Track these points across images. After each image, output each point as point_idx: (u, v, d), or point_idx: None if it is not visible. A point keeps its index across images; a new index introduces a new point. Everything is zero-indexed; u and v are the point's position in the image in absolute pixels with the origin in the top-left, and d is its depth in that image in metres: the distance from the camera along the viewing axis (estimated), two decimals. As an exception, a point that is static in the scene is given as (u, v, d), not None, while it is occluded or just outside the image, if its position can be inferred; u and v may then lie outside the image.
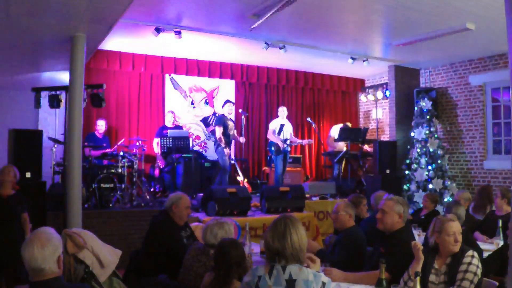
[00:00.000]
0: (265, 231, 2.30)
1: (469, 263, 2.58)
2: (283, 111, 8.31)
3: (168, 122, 8.19)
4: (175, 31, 6.56)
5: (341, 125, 9.82)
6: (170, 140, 7.31)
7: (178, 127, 8.26)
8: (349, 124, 9.88)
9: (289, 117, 8.75)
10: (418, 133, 8.49)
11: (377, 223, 3.10)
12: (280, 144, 7.99)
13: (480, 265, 2.60)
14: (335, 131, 9.60)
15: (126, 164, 6.72)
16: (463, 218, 4.11)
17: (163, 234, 3.65)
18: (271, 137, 8.16)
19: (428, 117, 8.46)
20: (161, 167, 7.91)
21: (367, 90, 10.30)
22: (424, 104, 8.57)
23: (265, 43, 7.20)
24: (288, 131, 8.26)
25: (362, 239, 3.62)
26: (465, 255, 2.62)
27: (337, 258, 3.40)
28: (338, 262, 3.14)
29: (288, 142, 8.15)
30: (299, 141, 8.73)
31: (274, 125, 8.23)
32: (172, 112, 8.41)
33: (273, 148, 8.05)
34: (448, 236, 2.68)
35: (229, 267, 2.33)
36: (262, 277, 2.16)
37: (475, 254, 2.64)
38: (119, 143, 7.50)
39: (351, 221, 3.70)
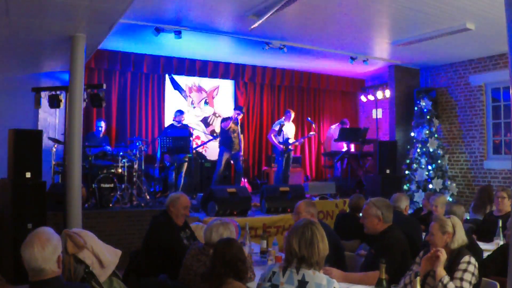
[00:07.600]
0: (287, 236, 2.30)
1: (464, 270, 2.55)
2: (288, 113, 8.42)
3: (176, 122, 7.90)
4: (175, 31, 6.55)
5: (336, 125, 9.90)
6: (170, 140, 7.30)
7: (185, 126, 8.16)
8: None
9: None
10: (418, 133, 8.49)
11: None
12: (278, 146, 8.16)
13: (476, 272, 2.58)
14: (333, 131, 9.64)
15: (126, 164, 6.72)
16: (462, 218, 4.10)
17: (162, 234, 3.66)
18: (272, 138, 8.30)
19: (428, 117, 8.46)
20: (167, 165, 7.84)
21: (367, 90, 10.30)
22: (424, 104, 8.56)
23: (265, 43, 7.20)
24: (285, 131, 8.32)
25: (330, 234, 3.57)
26: (461, 261, 2.60)
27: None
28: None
29: (290, 141, 8.25)
30: (301, 138, 8.85)
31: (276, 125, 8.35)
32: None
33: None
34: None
35: (224, 266, 2.32)
36: (276, 273, 2.24)
37: (472, 260, 2.61)
38: (119, 143, 7.49)
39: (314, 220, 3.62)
